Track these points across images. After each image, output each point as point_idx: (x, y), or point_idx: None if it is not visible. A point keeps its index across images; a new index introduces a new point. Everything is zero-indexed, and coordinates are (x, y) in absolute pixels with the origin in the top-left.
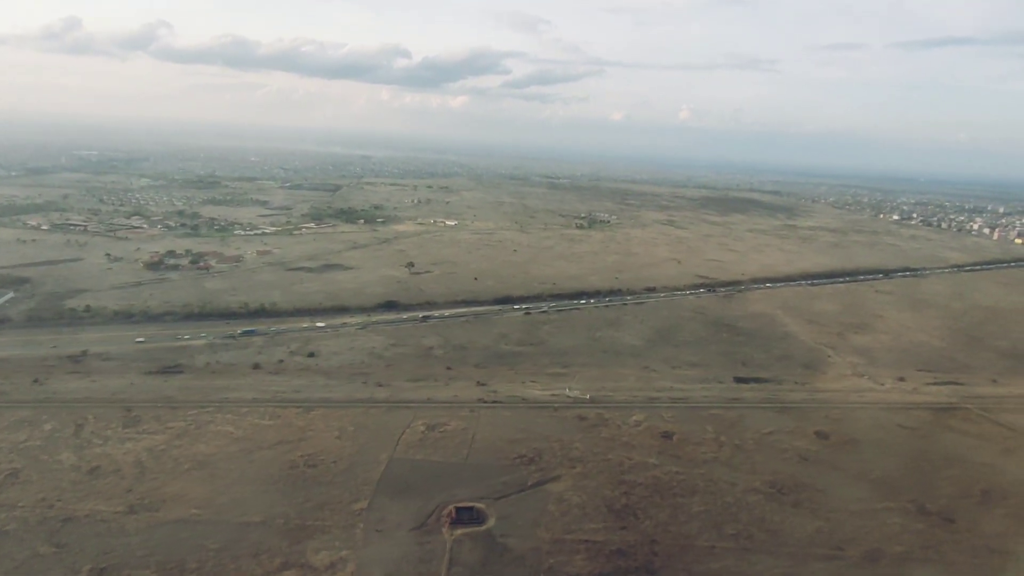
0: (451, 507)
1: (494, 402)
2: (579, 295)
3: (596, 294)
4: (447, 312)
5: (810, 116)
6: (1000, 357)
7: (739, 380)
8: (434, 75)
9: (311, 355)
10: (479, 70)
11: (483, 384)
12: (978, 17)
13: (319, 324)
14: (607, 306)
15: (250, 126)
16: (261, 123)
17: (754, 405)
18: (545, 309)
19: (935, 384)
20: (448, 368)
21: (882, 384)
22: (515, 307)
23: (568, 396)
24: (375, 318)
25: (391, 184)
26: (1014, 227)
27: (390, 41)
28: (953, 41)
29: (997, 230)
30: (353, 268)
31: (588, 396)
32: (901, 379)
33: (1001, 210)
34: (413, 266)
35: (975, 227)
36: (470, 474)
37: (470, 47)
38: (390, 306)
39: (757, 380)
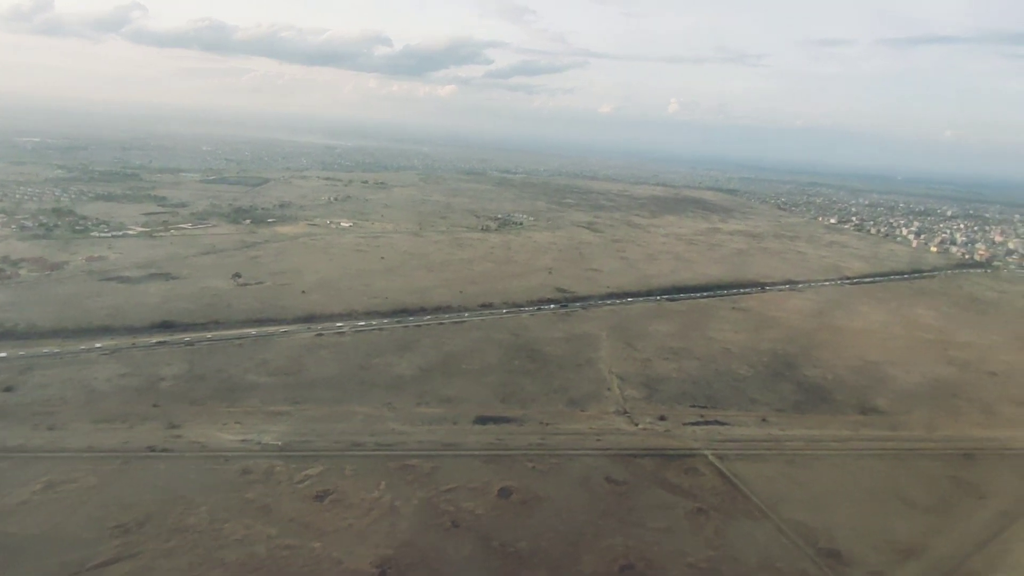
0: None
1: (163, 450)
2: (402, 312)
3: (420, 311)
4: (233, 333)
5: (798, 111)
6: (796, 390)
7: (480, 421)
8: (417, 64)
9: (8, 389)
10: (461, 59)
11: (175, 426)
12: (964, 16)
13: (54, 350)
14: (419, 326)
15: (233, 111)
16: (245, 108)
17: (467, 452)
18: (344, 330)
19: (695, 424)
20: (155, 406)
21: (636, 424)
22: (318, 326)
23: (258, 443)
24: (136, 341)
25: (326, 179)
26: (938, 235)
27: (371, 28)
28: (939, 39)
29: (922, 236)
30: (180, 278)
31: (280, 443)
32: (662, 418)
33: (949, 213)
34: (240, 277)
35: (903, 233)
36: (38, 550)
37: (452, 36)
38: (166, 327)
39: (500, 420)
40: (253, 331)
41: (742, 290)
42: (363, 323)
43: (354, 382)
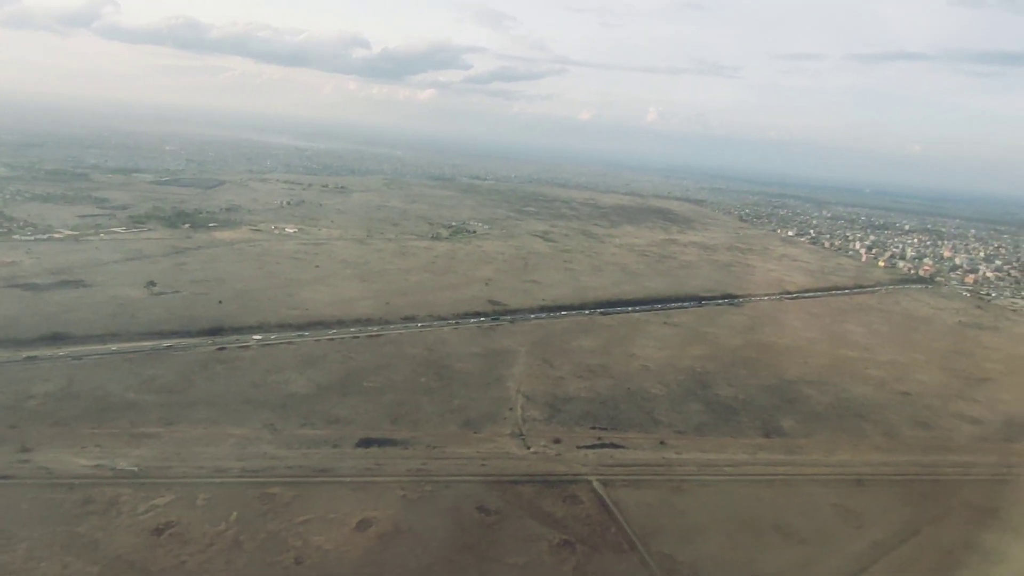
0: None
1: (3, 477)
2: (319, 325)
3: (338, 324)
4: (129, 346)
5: (773, 123)
6: (704, 411)
7: (363, 444)
8: (395, 67)
9: None
10: (440, 64)
11: (26, 450)
12: (931, 34)
13: None
14: (332, 340)
15: (208, 110)
16: (221, 107)
17: (339, 478)
18: (251, 344)
19: (589, 447)
20: (12, 427)
21: (528, 448)
22: (225, 339)
23: (112, 468)
24: (14, 355)
25: (286, 182)
26: (889, 249)
27: (349, 30)
28: (907, 56)
29: (873, 251)
30: (92, 286)
31: (136, 468)
32: (557, 441)
33: (907, 227)
34: (155, 285)
35: (856, 247)
36: None
37: (430, 40)
38: (56, 339)
39: (386, 443)
40: (150, 344)
41: (680, 304)
42: (274, 336)
43: (240, 401)
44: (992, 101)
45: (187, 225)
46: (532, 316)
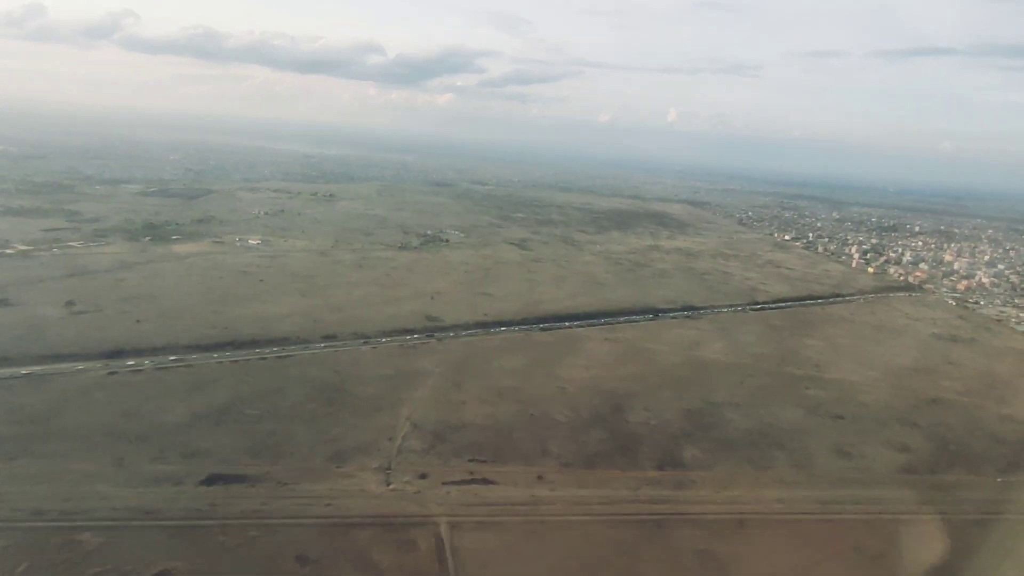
0: None
1: None
2: (229, 345)
3: (252, 344)
4: (7, 372)
5: (796, 122)
6: (605, 440)
7: (209, 481)
8: (410, 72)
9: None
10: (454, 68)
11: None
12: (957, 29)
13: None
14: (235, 362)
15: (227, 118)
16: (241, 115)
17: (163, 521)
18: (145, 367)
19: (456, 483)
20: None
21: (388, 484)
22: (122, 362)
23: None
24: None
25: (276, 190)
26: (886, 253)
27: (363, 37)
28: (934, 51)
29: (869, 255)
30: (13, 305)
31: None
32: (423, 476)
33: (916, 228)
34: (75, 304)
35: (850, 251)
36: None
37: (444, 45)
38: None
39: (234, 479)
40: (41, 369)
41: (633, 317)
42: (176, 358)
43: (101, 432)
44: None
45: (148, 238)
46: (466, 333)
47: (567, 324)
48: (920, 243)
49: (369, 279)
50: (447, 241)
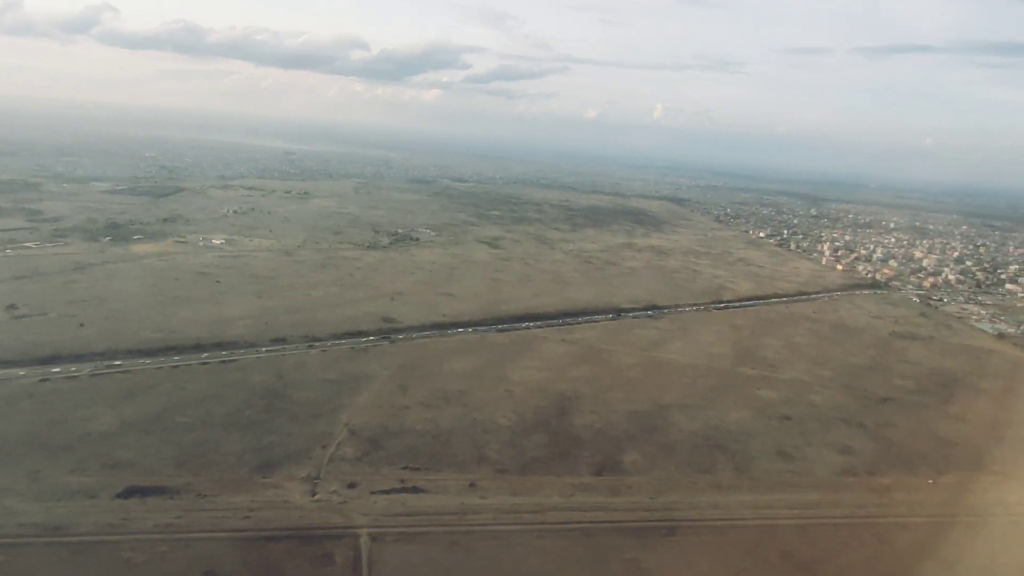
0: None
1: None
2: (173, 350)
3: (196, 348)
4: None
5: (781, 118)
6: (546, 444)
7: (126, 493)
8: (395, 68)
9: None
10: (439, 64)
11: None
12: (938, 26)
13: None
14: (175, 367)
15: (214, 114)
16: (227, 112)
17: (66, 538)
18: (82, 373)
19: (385, 493)
20: None
21: (313, 495)
22: (58, 368)
23: None
24: None
25: (250, 188)
26: (857, 250)
27: (347, 32)
28: (916, 48)
29: (840, 252)
30: None
31: None
32: (352, 485)
33: (891, 225)
34: (16, 308)
35: (822, 248)
36: None
37: (429, 41)
38: None
39: (152, 492)
40: None
41: (595, 317)
42: (120, 362)
43: (21, 443)
44: (1005, 93)
45: (108, 239)
46: (421, 334)
47: (527, 325)
48: (893, 240)
49: (331, 279)
50: (417, 240)
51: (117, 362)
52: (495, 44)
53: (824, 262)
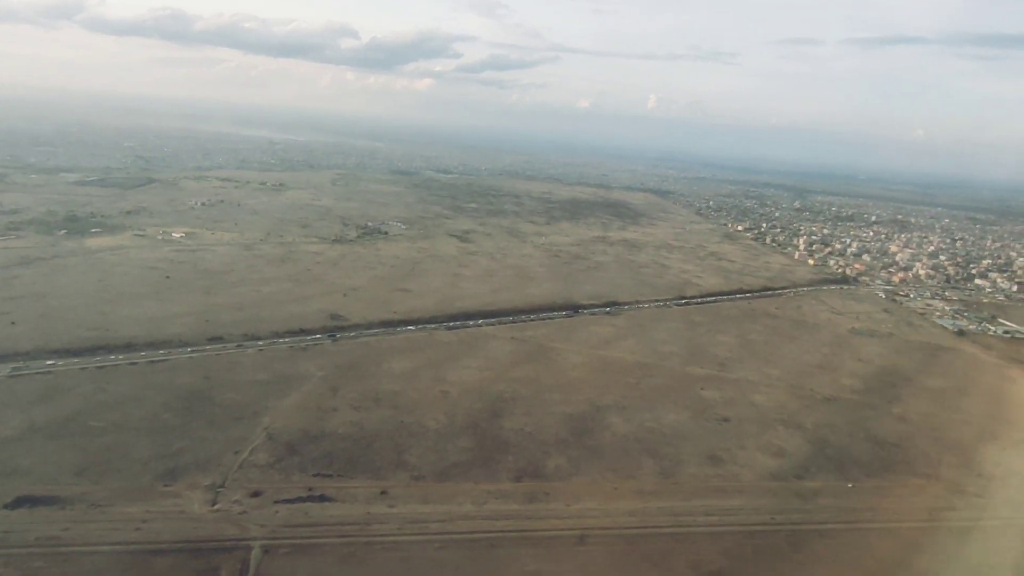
0: None
1: None
2: (103, 349)
3: (128, 347)
4: None
5: (773, 109)
6: (470, 449)
7: (15, 503)
8: (385, 57)
9: None
10: (430, 53)
11: None
12: (929, 18)
13: None
14: (101, 367)
15: (205, 103)
16: (219, 100)
17: None
18: (2, 374)
19: (290, 501)
20: None
21: (213, 505)
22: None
23: None
24: None
25: (225, 179)
26: (832, 244)
27: (337, 20)
28: (907, 40)
29: (815, 246)
30: None
31: None
32: (256, 494)
33: (872, 218)
34: None
35: (797, 241)
36: None
37: (419, 29)
38: None
39: (43, 501)
40: None
41: (551, 314)
42: (49, 362)
43: None
44: (995, 85)
45: (64, 232)
46: (368, 332)
47: (479, 322)
48: (871, 233)
49: (286, 275)
50: (386, 234)
51: (47, 361)
52: (486, 33)
53: (797, 256)
